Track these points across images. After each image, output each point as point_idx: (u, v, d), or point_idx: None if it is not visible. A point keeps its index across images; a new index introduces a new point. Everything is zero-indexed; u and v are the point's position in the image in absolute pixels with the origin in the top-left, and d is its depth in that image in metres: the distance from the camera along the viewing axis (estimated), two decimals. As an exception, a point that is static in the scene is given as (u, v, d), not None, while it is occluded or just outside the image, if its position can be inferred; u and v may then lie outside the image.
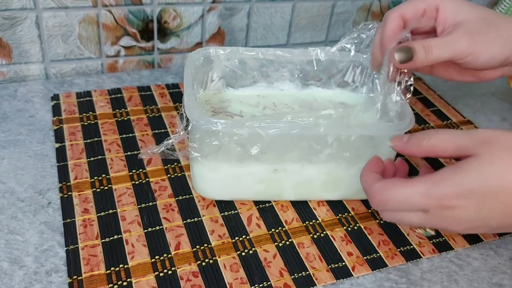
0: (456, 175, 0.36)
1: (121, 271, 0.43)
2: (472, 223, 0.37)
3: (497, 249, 0.49)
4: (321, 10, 0.76)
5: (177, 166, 0.54)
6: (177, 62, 0.73)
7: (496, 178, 0.35)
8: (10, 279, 0.41)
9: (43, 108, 0.61)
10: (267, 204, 0.51)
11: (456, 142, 0.38)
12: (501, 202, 0.35)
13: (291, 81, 0.56)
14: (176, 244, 0.46)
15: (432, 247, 0.48)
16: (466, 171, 0.36)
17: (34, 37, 0.63)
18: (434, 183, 0.36)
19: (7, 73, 0.65)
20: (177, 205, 0.50)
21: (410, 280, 0.45)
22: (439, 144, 0.38)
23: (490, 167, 0.35)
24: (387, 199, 0.38)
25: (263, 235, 0.48)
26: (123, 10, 0.66)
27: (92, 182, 0.51)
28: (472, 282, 0.46)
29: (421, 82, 0.75)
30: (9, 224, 0.46)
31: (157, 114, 0.62)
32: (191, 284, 0.43)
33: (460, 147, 0.37)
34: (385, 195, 0.38)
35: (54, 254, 0.44)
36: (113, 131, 0.58)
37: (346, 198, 0.52)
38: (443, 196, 0.36)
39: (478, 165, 0.36)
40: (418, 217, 0.38)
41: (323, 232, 0.49)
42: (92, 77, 0.68)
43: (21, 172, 0.52)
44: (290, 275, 0.44)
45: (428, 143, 0.39)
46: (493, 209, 0.36)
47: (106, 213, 0.48)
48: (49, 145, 0.56)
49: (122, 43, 0.68)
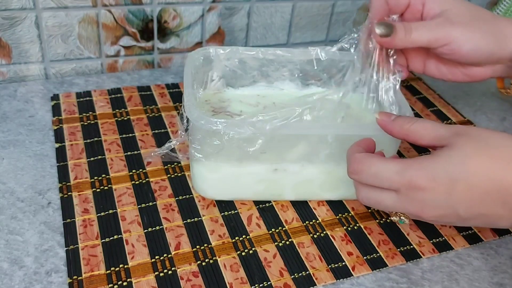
0: (428, 160, 0.38)
1: (121, 271, 0.43)
2: (440, 210, 0.38)
3: (498, 249, 0.49)
4: (321, 9, 0.76)
5: (177, 166, 0.54)
6: (177, 62, 0.73)
7: (459, 165, 0.37)
8: (10, 279, 0.41)
9: (43, 108, 0.61)
10: (267, 204, 0.51)
11: (435, 132, 0.40)
12: (465, 189, 0.37)
13: (291, 81, 0.56)
14: (176, 244, 0.46)
15: (432, 247, 0.48)
16: (437, 157, 0.38)
17: (33, 37, 0.63)
18: (407, 164, 0.39)
19: (6, 73, 0.65)
20: (177, 205, 0.50)
21: (411, 280, 0.45)
22: (419, 131, 0.41)
23: (456, 155, 0.38)
24: (362, 169, 0.40)
25: (263, 235, 0.48)
26: (123, 9, 0.65)
27: (92, 182, 0.51)
28: (473, 282, 0.46)
29: (421, 82, 0.75)
30: (9, 224, 0.46)
31: (157, 114, 0.62)
32: (191, 284, 0.43)
33: (437, 137, 0.40)
34: (361, 164, 0.40)
35: (54, 254, 0.44)
36: (113, 131, 0.58)
37: (346, 198, 0.52)
38: (413, 176, 0.38)
39: (448, 153, 0.38)
40: (390, 198, 0.40)
41: (323, 232, 0.49)
42: (92, 77, 0.68)
43: (21, 172, 0.52)
44: (290, 275, 0.44)
45: (411, 127, 0.41)
46: (459, 196, 0.37)
47: (106, 213, 0.48)
48: (49, 145, 0.56)
49: (122, 43, 0.68)
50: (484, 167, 0.37)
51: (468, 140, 0.38)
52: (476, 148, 0.37)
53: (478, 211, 0.38)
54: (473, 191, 0.37)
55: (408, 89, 0.73)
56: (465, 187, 0.37)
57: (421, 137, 0.41)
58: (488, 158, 0.37)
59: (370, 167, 0.40)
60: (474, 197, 0.37)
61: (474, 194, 0.37)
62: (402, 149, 0.60)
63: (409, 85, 0.74)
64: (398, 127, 0.42)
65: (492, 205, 0.37)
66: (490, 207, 0.37)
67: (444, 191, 0.37)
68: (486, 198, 0.37)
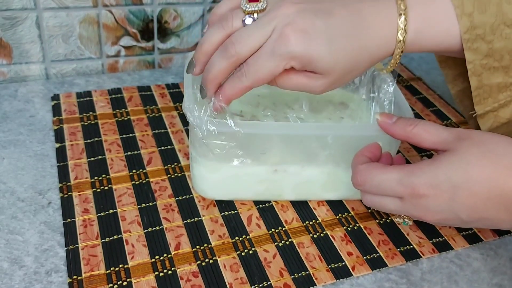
0: (429, 166, 0.38)
1: (121, 271, 0.43)
2: (443, 214, 0.38)
3: (497, 250, 0.49)
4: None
5: (177, 166, 0.54)
6: (177, 62, 0.73)
7: (460, 171, 0.37)
8: (10, 279, 0.42)
9: (44, 108, 0.61)
10: (267, 204, 0.51)
11: (437, 135, 0.40)
12: (466, 195, 0.37)
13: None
14: (176, 244, 0.46)
15: (432, 247, 0.48)
16: (439, 163, 0.38)
17: (34, 37, 0.64)
18: (409, 172, 0.39)
19: (7, 73, 0.65)
20: (177, 205, 0.50)
21: (410, 281, 0.45)
22: (422, 134, 0.41)
23: (458, 161, 0.37)
24: (365, 180, 0.41)
25: (263, 235, 0.48)
26: (124, 10, 0.66)
27: (92, 182, 0.51)
28: (473, 283, 0.46)
29: (421, 82, 0.75)
30: (9, 224, 0.46)
31: (157, 114, 0.62)
32: (191, 284, 0.43)
33: (439, 140, 0.40)
34: (363, 177, 0.41)
35: (54, 254, 0.44)
36: (113, 131, 0.58)
37: (346, 198, 0.52)
38: (416, 184, 0.38)
39: (450, 159, 0.38)
40: (394, 204, 0.40)
41: (323, 232, 0.49)
42: (92, 77, 0.68)
43: (21, 172, 0.52)
44: (290, 275, 0.44)
45: (413, 130, 0.41)
46: (461, 202, 0.37)
47: (106, 213, 0.48)
48: (49, 145, 0.56)
49: (122, 43, 0.68)
50: (486, 174, 0.37)
51: (470, 145, 0.38)
52: (478, 153, 0.37)
53: (481, 216, 0.38)
54: (475, 198, 0.37)
55: (408, 89, 0.73)
56: (467, 194, 0.37)
57: (424, 140, 0.41)
58: (490, 164, 0.37)
59: (372, 179, 0.40)
60: (477, 203, 0.37)
61: (476, 200, 0.37)
62: (402, 149, 0.60)
63: (409, 85, 0.74)
64: (400, 130, 0.42)
65: (494, 210, 0.37)
66: (492, 212, 0.37)
67: (447, 198, 0.37)
68: (488, 203, 0.37)
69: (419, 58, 0.82)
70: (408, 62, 0.80)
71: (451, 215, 0.38)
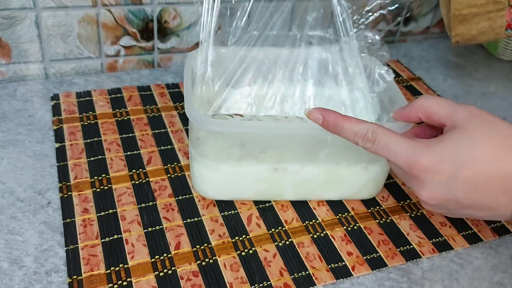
0: (436, 142, 0.38)
1: (121, 271, 0.43)
2: (439, 193, 0.38)
3: (498, 248, 0.49)
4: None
5: (177, 165, 0.54)
6: (177, 62, 0.73)
7: (467, 150, 0.37)
8: (10, 279, 0.41)
9: (43, 108, 0.61)
10: (267, 204, 0.51)
11: (449, 107, 0.40)
12: (469, 174, 0.37)
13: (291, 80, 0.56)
14: (176, 244, 0.46)
15: (432, 246, 0.48)
16: (447, 140, 0.38)
17: (33, 37, 0.63)
18: (416, 143, 0.39)
19: (6, 72, 0.65)
20: (177, 204, 0.50)
21: (411, 279, 0.45)
22: (433, 106, 0.41)
23: (466, 139, 0.38)
24: (375, 138, 0.40)
25: (263, 235, 0.48)
26: (123, 9, 0.65)
27: (92, 182, 0.51)
28: (473, 281, 0.46)
29: (421, 82, 0.75)
30: (8, 224, 0.46)
31: (157, 113, 0.62)
32: (191, 283, 0.43)
33: (450, 113, 0.40)
34: (374, 134, 0.40)
35: (54, 254, 0.44)
36: (113, 130, 0.58)
37: (346, 198, 0.52)
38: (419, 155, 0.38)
39: (458, 137, 0.38)
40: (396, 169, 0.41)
41: (323, 232, 0.49)
42: (91, 77, 0.68)
43: (20, 172, 0.52)
44: (290, 274, 0.44)
45: (424, 102, 0.41)
46: (462, 180, 0.37)
47: (106, 213, 0.48)
48: (49, 145, 0.55)
49: (122, 42, 0.68)
50: (491, 153, 0.37)
51: (480, 123, 0.38)
52: (486, 132, 0.38)
53: (478, 198, 0.38)
54: (477, 177, 0.37)
55: (408, 89, 0.73)
56: (470, 173, 0.37)
57: (434, 112, 0.41)
58: (497, 144, 0.37)
59: (382, 136, 0.40)
60: (477, 183, 0.37)
61: (477, 179, 0.37)
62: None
63: (409, 85, 0.74)
64: (411, 107, 0.42)
65: (493, 192, 0.37)
66: (490, 194, 0.37)
67: (448, 175, 0.37)
68: (488, 184, 0.37)
69: (419, 58, 0.82)
70: (408, 62, 0.80)
71: (447, 194, 0.38)
